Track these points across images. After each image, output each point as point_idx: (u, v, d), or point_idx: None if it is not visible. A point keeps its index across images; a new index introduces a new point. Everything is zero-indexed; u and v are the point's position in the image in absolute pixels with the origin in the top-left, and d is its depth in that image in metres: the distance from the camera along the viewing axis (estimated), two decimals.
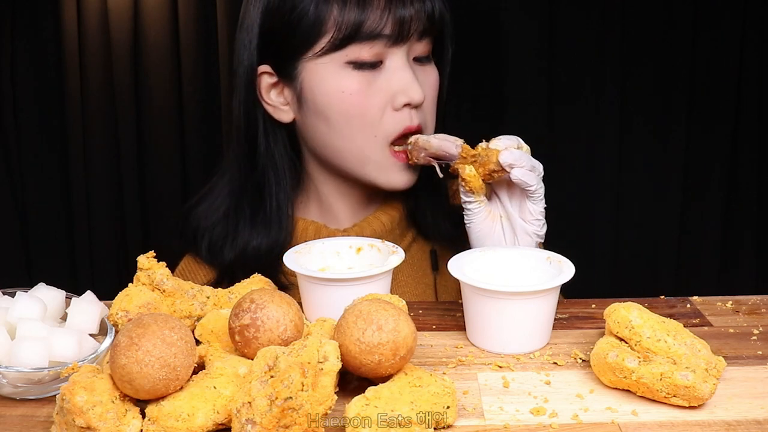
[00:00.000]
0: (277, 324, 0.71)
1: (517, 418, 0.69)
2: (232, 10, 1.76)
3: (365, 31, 0.98)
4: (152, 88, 1.83)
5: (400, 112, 1.01)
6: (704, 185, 1.90)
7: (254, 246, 1.05)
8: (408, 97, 1.00)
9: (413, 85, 1.00)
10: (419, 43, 1.03)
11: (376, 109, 1.01)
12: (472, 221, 0.96)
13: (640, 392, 0.71)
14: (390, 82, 1.01)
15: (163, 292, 0.82)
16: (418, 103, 1.01)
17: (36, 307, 0.76)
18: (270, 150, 1.07)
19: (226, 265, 1.06)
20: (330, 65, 1.00)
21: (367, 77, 1.00)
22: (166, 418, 0.64)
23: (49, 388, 0.72)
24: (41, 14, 1.79)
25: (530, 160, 0.92)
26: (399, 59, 1.01)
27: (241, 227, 1.06)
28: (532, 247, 0.93)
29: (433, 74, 1.06)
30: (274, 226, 1.06)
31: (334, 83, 1.00)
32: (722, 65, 1.84)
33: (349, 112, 1.00)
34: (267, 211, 1.06)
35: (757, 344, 0.82)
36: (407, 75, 1.00)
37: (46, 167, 1.86)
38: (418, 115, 1.02)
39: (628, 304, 0.74)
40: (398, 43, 1.00)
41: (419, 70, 1.04)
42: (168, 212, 1.87)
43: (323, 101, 1.01)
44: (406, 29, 0.99)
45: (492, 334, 0.80)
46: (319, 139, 1.05)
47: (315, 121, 1.03)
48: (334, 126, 1.02)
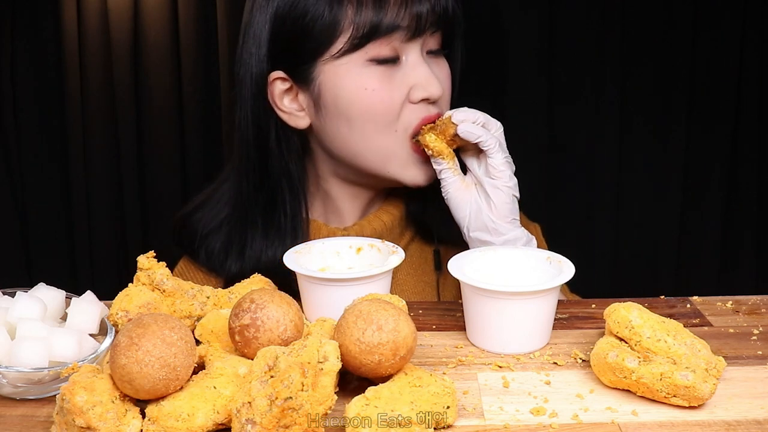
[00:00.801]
0: (277, 324, 0.71)
1: (517, 418, 0.69)
2: (232, 10, 1.76)
3: (384, 28, 0.99)
4: (152, 88, 1.83)
5: (417, 105, 1.02)
6: (704, 185, 1.89)
7: (268, 258, 1.04)
8: (427, 92, 1.02)
9: (431, 80, 1.02)
10: (432, 37, 1.04)
11: (398, 103, 1.01)
12: (448, 192, 1.01)
13: (640, 392, 0.71)
14: (408, 77, 1.02)
15: (163, 292, 0.82)
16: (438, 96, 1.02)
17: (36, 307, 0.76)
18: (284, 158, 1.05)
19: (232, 276, 1.05)
20: (350, 65, 1.00)
21: (387, 73, 1.01)
22: (166, 418, 0.64)
23: (49, 388, 0.72)
24: (41, 14, 1.79)
25: (475, 115, 0.98)
26: (415, 54, 1.02)
27: (250, 239, 1.05)
28: (507, 203, 0.98)
29: (446, 68, 1.07)
30: (289, 235, 1.05)
31: (357, 81, 1.00)
32: (722, 65, 1.84)
33: (372, 109, 1.01)
34: (281, 221, 1.05)
35: (757, 344, 0.82)
36: (425, 69, 1.02)
37: (46, 167, 1.86)
38: (436, 107, 1.04)
39: (628, 304, 0.74)
40: (414, 37, 1.01)
41: (434, 63, 1.05)
42: (168, 212, 1.86)
43: (345, 101, 1.01)
44: (423, 24, 1.00)
45: (492, 334, 0.80)
46: (340, 141, 1.04)
47: (335, 123, 1.03)
48: (356, 125, 1.02)
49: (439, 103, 1.04)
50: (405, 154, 1.03)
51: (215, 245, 1.07)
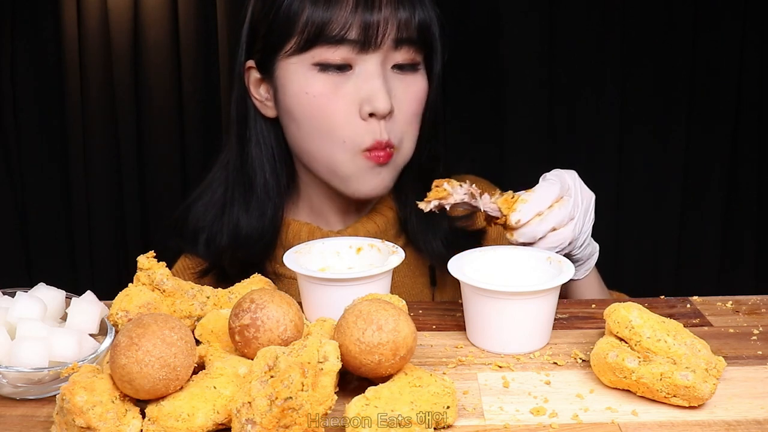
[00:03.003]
0: (277, 324, 0.71)
1: (517, 418, 0.69)
2: (232, 10, 1.76)
3: (329, 34, 0.96)
4: (152, 88, 1.83)
5: (368, 122, 0.99)
6: (704, 185, 1.89)
7: (245, 232, 1.05)
8: (372, 107, 0.97)
9: (379, 95, 0.97)
10: (397, 52, 1.00)
11: (341, 114, 0.99)
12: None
13: (640, 392, 0.71)
14: (358, 89, 0.99)
15: (163, 292, 0.82)
16: (383, 113, 0.98)
17: (36, 307, 0.76)
18: (260, 142, 1.07)
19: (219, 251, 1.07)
20: (298, 66, 1.00)
21: (333, 80, 0.99)
22: (166, 418, 0.64)
23: (49, 388, 0.72)
24: (41, 14, 1.79)
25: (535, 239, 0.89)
26: (370, 66, 0.98)
27: (233, 214, 1.07)
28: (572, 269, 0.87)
29: (416, 84, 1.03)
30: (265, 213, 1.06)
31: (300, 84, 1.00)
32: (722, 66, 1.84)
33: (313, 114, 1.00)
34: (259, 198, 1.06)
35: (757, 344, 0.82)
36: (375, 83, 0.98)
37: (46, 167, 1.86)
38: (388, 128, 0.99)
39: (628, 304, 0.74)
40: (366, 49, 0.97)
41: (397, 79, 1.01)
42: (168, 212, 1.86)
43: (290, 102, 1.01)
44: (373, 35, 0.96)
45: (492, 334, 0.80)
46: (293, 140, 1.06)
47: (288, 121, 1.04)
48: (302, 128, 1.02)
49: (395, 121, 1.00)
50: (352, 168, 1.01)
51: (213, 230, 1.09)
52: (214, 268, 1.08)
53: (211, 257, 1.08)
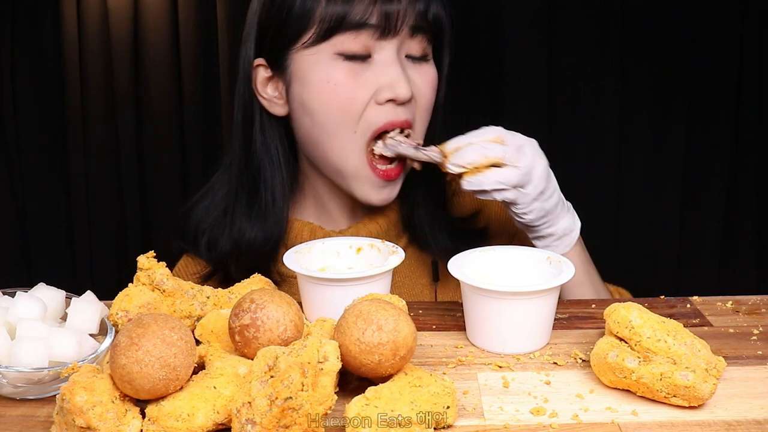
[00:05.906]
0: (277, 324, 0.71)
1: (517, 418, 0.69)
2: (232, 10, 1.75)
3: (350, 21, 0.98)
4: (152, 88, 1.83)
5: (384, 106, 1.00)
6: (704, 185, 1.90)
7: (249, 238, 1.05)
8: (393, 93, 0.99)
9: (400, 81, 0.99)
10: (412, 41, 1.02)
11: (360, 101, 1.00)
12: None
13: (640, 392, 0.71)
14: (377, 76, 1.00)
15: (163, 292, 0.82)
16: (404, 99, 1.00)
17: (36, 307, 0.76)
18: (266, 143, 1.07)
19: (222, 256, 1.07)
20: (318, 56, 1.00)
21: (354, 69, 1.00)
22: (166, 418, 0.64)
23: (49, 388, 0.72)
24: (41, 14, 1.79)
25: (482, 185, 0.93)
26: (387, 53, 1.00)
27: (237, 218, 1.07)
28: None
29: (429, 74, 1.05)
30: (269, 219, 1.06)
31: (322, 74, 1.00)
32: (722, 66, 1.84)
33: (333, 103, 1.00)
34: (262, 204, 1.06)
35: (757, 344, 0.82)
36: (395, 70, 1.00)
37: (46, 167, 1.86)
38: (406, 112, 1.01)
39: (628, 304, 0.74)
40: (385, 35, 0.99)
41: (412, 67, 1.03)
42: (168, 212, 1.87)
43: (309, 92, 1.01)
44: (393, 22, 0.98)
45: (492, 334, 0.80)
46: (305, 135, 1.05)
47: (301, 115, 1.04)
48: (317, 119, 1.02)
49: (412, 107, 1.02)
50: (360, 166, 1.02)
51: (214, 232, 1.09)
52: (217, 273, 1.08)
53: (213, 261, 1.08)
